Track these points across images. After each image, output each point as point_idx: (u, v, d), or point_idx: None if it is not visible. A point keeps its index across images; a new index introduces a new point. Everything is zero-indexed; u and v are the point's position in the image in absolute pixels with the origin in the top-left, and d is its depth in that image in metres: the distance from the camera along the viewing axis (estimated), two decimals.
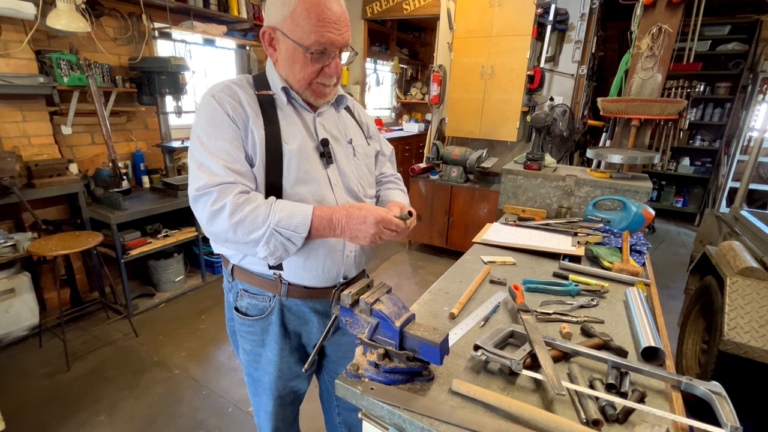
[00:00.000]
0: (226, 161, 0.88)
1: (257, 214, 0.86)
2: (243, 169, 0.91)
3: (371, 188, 1.15)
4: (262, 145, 0.93)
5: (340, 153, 1.04)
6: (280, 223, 0.86)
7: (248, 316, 1.06)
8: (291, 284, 1.01)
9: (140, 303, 2.89)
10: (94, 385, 2.12)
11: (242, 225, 0.85)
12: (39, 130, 2.56)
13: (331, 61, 0.93)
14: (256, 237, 0.86)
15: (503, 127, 3.73)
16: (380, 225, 0.88)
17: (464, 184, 3.69)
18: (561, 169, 2.08)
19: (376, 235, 0.88)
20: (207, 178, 0.87)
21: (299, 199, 0.95)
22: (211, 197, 0.85)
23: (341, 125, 1.09)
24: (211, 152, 0.88)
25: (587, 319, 1.06)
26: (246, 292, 1.05)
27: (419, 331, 0.79)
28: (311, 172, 0.97)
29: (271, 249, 0.88)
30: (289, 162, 0.94)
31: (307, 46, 0.89)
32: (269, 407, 1.16)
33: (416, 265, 3.84)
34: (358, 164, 1.09)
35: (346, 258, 1.04)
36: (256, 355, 1.10)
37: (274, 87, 0.98)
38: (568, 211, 1.89)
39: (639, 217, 1.63)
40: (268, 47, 0.96)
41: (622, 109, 2.18)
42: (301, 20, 0.87)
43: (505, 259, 1.44)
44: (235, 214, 0.85)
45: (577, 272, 1.34)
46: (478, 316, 1.06)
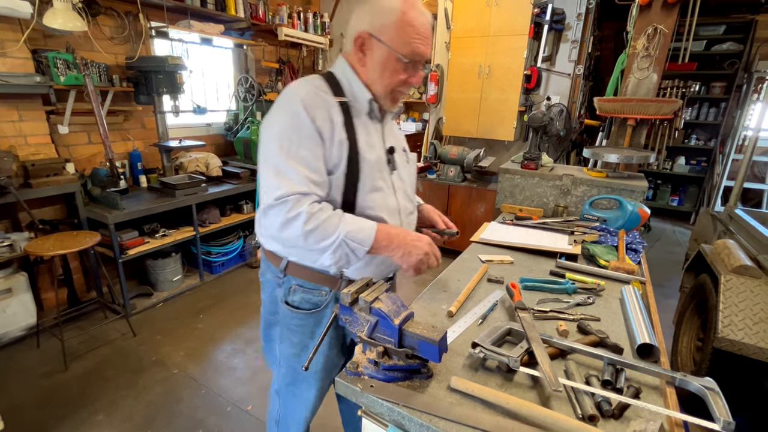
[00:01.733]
0: (307, 171, 0.93)
1: (328, 224, 0.91)
2: (320, 179, 0.95)
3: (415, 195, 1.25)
4: (345, 154, 0.98)
5: (399, 160, 1.12)
6: (349, 234, 0.92)
7: (300, 310, 1.11)
8: (351, 280, 1.04)
9: (138, 303, 2.89)
10: (93, 384, 2.12)
11: (314, 234, 0.91)
12: (35, 129, 2.55)
13: (416, 73, 1.01)
14: (325, 245, 0.92)
15: (500, 126, 3.75)
16: (432, 246, 0.96)
17: (462, 184, 3.70)
18: (558, 168, 2.09)
19: (427, 256, 0.96)
20: (286, 187, 0.90)
21: (372, 205, 1.02)
22: (286, 206, 0.90)
23: (396, 134, 1.18)
24: (293, 160, 0.92)
25: (583, 316, 1.07)
26: (300, 287, 1.09)
27: (418, 329, 0.80)
28: (381, 180, 1.05)
29: (337, 258, 0.94)
30: (365, 170, 1.00)
31: (403, 54, 0.96)
32: (311, 396, 1.19)
33: None
34: (410, 170, 1.18)
35: None
36: (303, 347, 1.14)
37: (352, 95, 1.02)
38: (565, 210, 1.91)
39: (635, 215, 1.64)
40: (358, 52, 1.00)
41: (618, 108, 2.20)
42: (401, 31, 0.94)
43: (503, 258, 1.45)
44: (308, 223, 0.90)
45: (574, 270, 1.35)
46: (476, 314, 1.07)
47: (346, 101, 1.01)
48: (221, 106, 3.96)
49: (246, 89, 3.69)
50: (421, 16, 0.96)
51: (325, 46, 4.37)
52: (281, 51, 4.24)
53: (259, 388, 2.13)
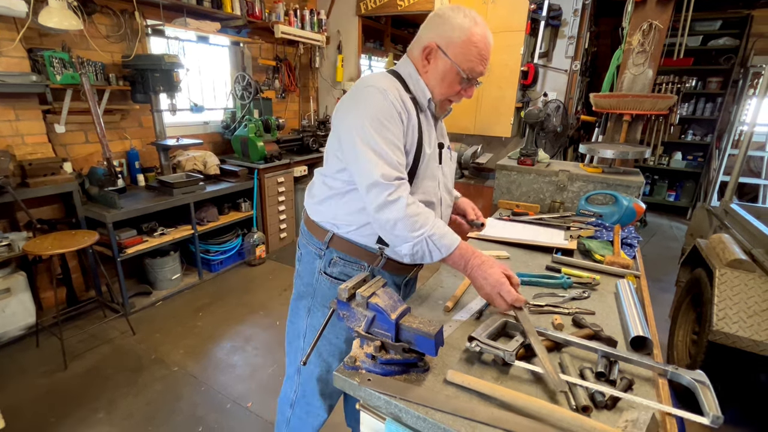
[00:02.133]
0: (399, 155, 1.01)
1: (420, 219, 0.98)
2: (405, 162, 1.04)
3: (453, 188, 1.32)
4: (416, 141, 1.07)
5: (446, 156, 1.21)
6: (434, 236, 0.98)
7: (338, 281, 1.17)
8: (389, 259, 1.14)
9: (137, 301, 2.89)
10: (93, 383, 2.12)
11: (406, 222, 0.97)
12: (32, 129, 2.54)
13: (470, 87, 1.10)
14: (410, 236, 0.98)
15: (498, 123, 3.76)
16: (504, 276, 0.99)
17: (459, 180, 3.71)
18: (554, 164, 2.11)
19: (503, 287, 0.96)
20: (387, 168, 0.98)
21: (424, 191, 1.10)
22: (389, 189, 0.97)
23: (443, 132, 1.26)
24: (387, 144, 0.99)
25: (579, 310, 1.09)
26: (342, 260, 1.17)
27: (415, 323, 0.81)
28: (434, 171, 1.14)
29: (414, 251, 1.00)
30: (424, 160, 1.09)
31: (463, 70, 1.04)
32: (334, 367, 1.22)
33: None
34: (452, 167, 1.27)
35: None
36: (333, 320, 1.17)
37: (422, 94, 1.10)
38: (561, 205, 1.92)
39: (630, 211, 1.66)
40: (424, 59, 1.07)
41: (614, 104, 2.21)
42: (465, 50, 1.02)
43: (499, 254, 1.46)
44: (406, 210, 0.97)
45: (570, 265, 1.37)
46: (473, 309, 1.09)
47: (415, 96, 1.10)
48: (218, 105, 3.96)
49: (243, 87, 3.69)
50: (486, 38, 1.03)
51: (322, 44, 4.36)
52: (278, 49, 4.23)
53: (259, 385, 2.14)
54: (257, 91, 3.63)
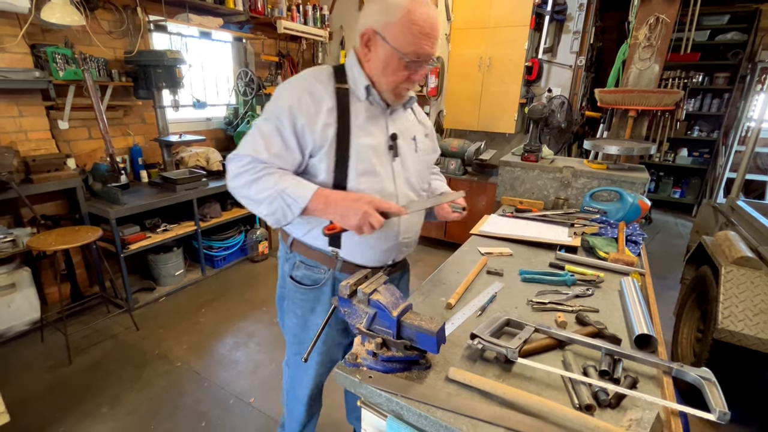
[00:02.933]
0: (272, 146, 0.98)
1: (270, 178, 0.97)
2: (281, 152, 0.99)
3: (426, 183, 1.26)
4: (332, 137, 1.01)
5: (405, 148, 1.13)
6: (287, 189, 0.95)
7: (302, 285, 1.18)
8: (345, 261, 1.12)
9: (140, 297, 2.91)
10: (97, 378, 2.14)
11: (257, 183, 0.96)
12: (36, 125, 2.55)
13: (420, 70, 1.01)
14: (263, 196, 0.96)
15: (501, 119, 3.73)
16: (372, 206, 0.94)
17: (462, 177, 3.70)
18: (558, 160, 2.09)
19: (366, 215, 0.92)
20: (250, 150, 0.98)
21: (363, 188, 1.04)
22: (243, 160, 0.97)
23: (407, 123, 1.17)
24: (263, 133, 0.99)
25: (582, 308, 1.08)
26: (303, 264, 1.16)
27: (416, 320, 0.80)
28: (377, 165, 1.05)
29: (273, 209, 0.97)
30: (356, 154, 1.02)
31: (404, 53, 0.96)
32: (312, 369, 1.28)
33: (415, 258, 3.85)
34: (419, 160, 1.17)
35: (399, 243, 1.14)
36: (305, 320, 1.22)
37: (353, 83, 1.05)
38: (565, 202, 1.90)
39: (635, 207, 1.64)
40: (364, 47, 1.02)
41: (620, 100, 2.18)
42: (404, 31, 0.94)
43: (502, 250, 1.45)
44: (254, 173, 0.96)
45: (573, 262, 1.35)
46: (475, 306, 1.08)
47: (347, 88, 1.04)
48: (221, 101, 3.95)
49: (246, 83, 3.68)
50: (427, 14, 0.95)
51: (325, 39, 4.34)
52: (281, 44, 4.22)
53: (261, 381, 2.14)
54: (260, 87, 3.62)
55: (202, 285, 3.17)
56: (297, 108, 0.98)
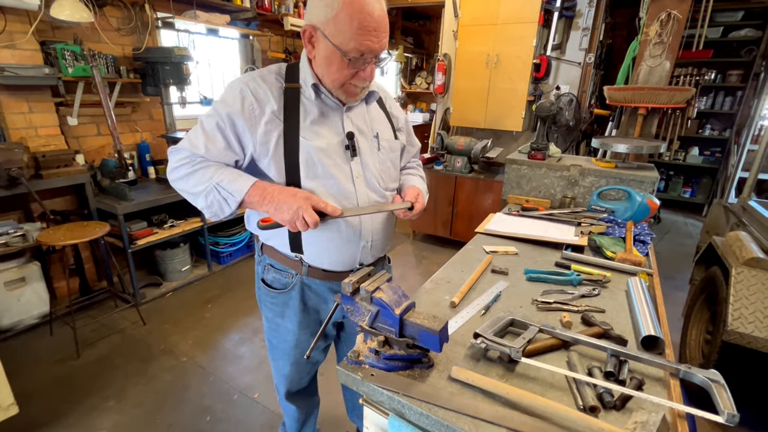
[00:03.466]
0: (210, 141, 0.97)
1: (206, 171, 0.96)
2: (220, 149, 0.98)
3: (393, 182, 1.19)
4: (279, 138, 0.98)
5: (365, 146, 1.08)
6: (222, 183, 0.95)
7: (272, 288, 1.18)
8: (311, 266, 1.11)
9: (148, 292, 2.94)
10: (104, 371, 2.17)
11: (193, 176, 0.96)
12: (45, 121, 2.58)
13: (367, 66, 0.96)
14: (199, 190, 0.96)
15: (508, 116, 3.70)
16: (308, 202, 0.92)
17: (469, 175, 3.67)
18: (566, 158, 2.06)
19: (299, 211, 0.91)
20: (188, 143, 0.98)
21: (317, 191, 1.00)
22: (181, 154, 0.98)
23: (369, 119, 1.11)
24: (203, 129, 0.98)
25: (588, 308, 1.06)
26: (272, 267, 1.16)
27: (419, 318, 0.79)
28: (331, 167, 1.01)
29: (209, 202, 0.97)
30: (306, 157, 0.99)
31: (345, 51, 0.90)
32: (286, 371, 1.30)
33: (420, 256, 3.85)
34: (382, 158, 1.12)
35: (362, 248, 1.11)
36: (276, 324, 1.23)
37: (303, 81, 1.01)
38: (572, 201, 1.88)
39: (644, 206, 1.61)
40: (307, 44, 0.98)
41: (629, 97, 2.15)
42: (342, 26, 0.88)
43: (507, 249, 1.44)
44: (191, 167, 0.96)
45: (580, 262, 1.34)
46: (479, 305, 1.07)
47: (297, 87, 1.01)
48: None
49: None
50: (369, 7, 0.87)
51: None
52: (287, 41, 4.22)
53: (266, 376, 2.16)
54: None
55: (209, 281, 3.20)
56: (240, 109, 0.97)
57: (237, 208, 0.97)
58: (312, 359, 1.30)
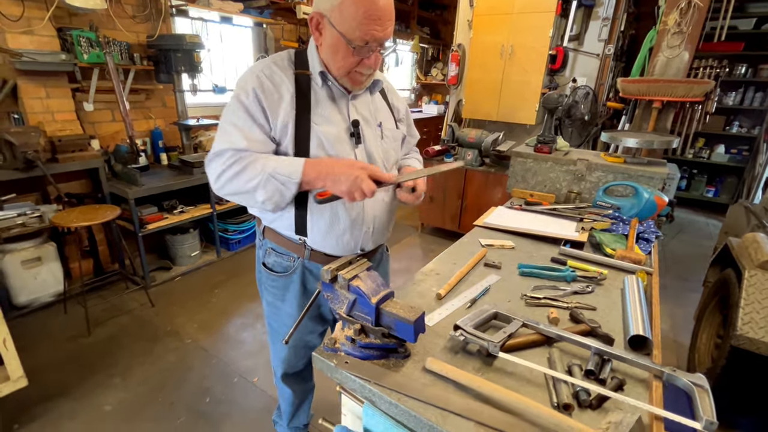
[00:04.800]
0: (246, 132, 0.97)
1: (256, 164, 0.95)
2: (259, 137, 0.98)
3: (394, 171, 1.22)
4: (292, 124, 1.00)
5: (369, 134, 1.09)
6: (276, 170, 0.94)
7: (273, 272, 1.19)
8: (314, 250, 1.12)
9: (158, 275, 3.02)
10: (112, 350, 2.24)
11: (242, 174, 0.94)
12: (62, 106, 2.65)
13: (372, 54, 0.96)
14: (255, 184, 0.94)
15: (522, 109, 3.61)
16: (365, 171, 0.92)
17: (479, 168, 3.62)
18: (573, 152, 2.00)
19: (358, 180, 0.89)
20: (226, 143, 0.96)
21: None
22: (224, 156, 0.96)
23: (373, 108, 1.13)
24: (234, 123, 0.97)
25: (579, 305, 1.04)
26: (274, 251, 1.17)
27: (395, 308, 0.79)
28: (339, 153, 1.03)
29: (269, 193, 0.95)
30: (317, 142, 1.00)
31: (350, 39, 0.92)
32: (283, 354, 1.34)
33: (427, 249, 3.83)
34: (385, 147, 1.14)
35: (364, 233, 1.12)
36: (276, 308, 1.25)
37: (312, 68, 1.03)
38: (578, 196, 1.83)
39: (651, 203, 1.56)
40: (314, 31, 0.99)
41: (644, 90, 2.06)
42: (348, 14, 0.89)
43: (504, 243, 1.41)
44: (239, 165, 0.95)
45: (577, 258, 1.30)
46: (466, 298, 1.05)
47: (308, 73, 1.02)
48: None
49: None
50: None
51: None
52: (300, 30, 4.21)
53: (266, 361, 2.19)
54: None
55: (217, 266, 3.26)
56: (261, 92, 0.97)
57: (297, 191, 0.97)
58: (309, 343, 1.31)
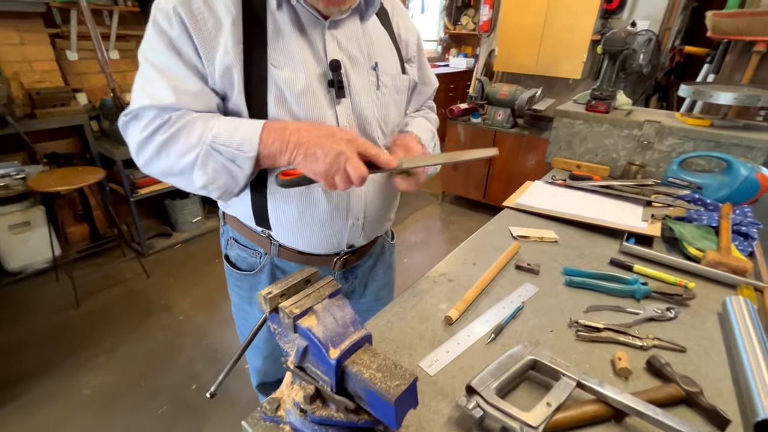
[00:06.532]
0: (169, 77, 0.63)
1: (192, 129, 0.63)
2: (193, 86, 0.65)
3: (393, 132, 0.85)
4: (239, 67, 0.64)
5: (359, 82, 0.74)
6: (219, 138, 0.62)
7: (237, 269, 0.92)
8: (282, 246, 0.83)
9: (156, 242, 2.84)
10: (100, 325, 2.09)
11: (174, 144, 0.63)
12: (40, 54, 2.37)
13: None
14: (190, 160, 0.63)
15: (566, 60, 3.07)
16: (353, 146, 0.60)
17: (510, 130, 3.16)
18: (637, 112, 1.57)
19: (341, 157, 0.59)
20: (146, 98, 0.63)
21: None
22: (144, 118, 0.64)
23: (365, 41, 0.76)
24: (155, 66, 0.64)
25: (659, 343, 0.70)
26: (236, 242, 0.89)
27: (370, 369, 0.47)
28: (309, 109, 0.69)
29: (211, 175, 0.64)
30: (276, 95, 0.67)
31: None
32: (257, 364, 1.09)
33: (447, 220, 3.48)
34: (383, 100, 0.78)
35: (350, 226, 0.80)
36: (243, 311, 0.99)
37: None
38: (641, 170, 1.42)
39: (751, 183, 1.14)
40: None
41: (744, 27, 1.55)
42: None
43: (544, 234, 1.05)
44: (166, 131, 0.63)
45: (648, 261, 0.94)
46: (488, 323, 0.73)
47: None
48: None
49: None
50: None
51: None
52: None
53: None
54: None
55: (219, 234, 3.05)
56: (188, 17, 0.62)
57: (253, 170, 0.65)
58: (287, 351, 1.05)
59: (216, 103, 0.67)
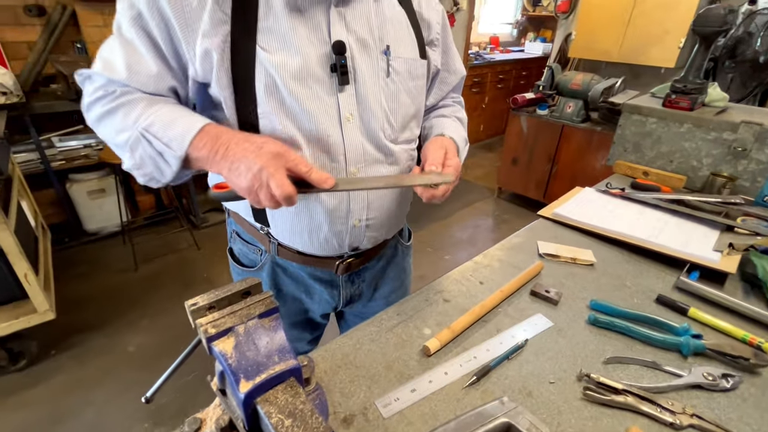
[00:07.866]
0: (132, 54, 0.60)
1: (132, 110, 0.59)
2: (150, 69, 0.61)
3: (410, 130, 0.76)
4: (220, 50, 0.59)
5: (366, 68, 0.66)
6: (152, 127, 0.57)
7: (239, 264, 0.88)
8: (281, 245, 0.78)
9: (211, 216, 3.00)
10: (151, 289, 2.26)
11: (113, 118, 0.60)
12: None
13: None
14: (122, 139, 0.60)
15: (658, 45, 2.64)
16: (278, 161, 0.54)
17: (581, 125, 2.81)
18: (733, 110, 1.26)
19: (263, 173, 0.53)
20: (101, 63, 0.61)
21: (283, 139, 0.63)
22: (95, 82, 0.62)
23: (377, 22, 0.67)
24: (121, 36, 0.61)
25: (699, 423, 0.52)
26: (239, 236, 0.86)
27: (283, 411, 0.40)
28: (306, 99, 0.63)
29: (137, 160, 0.61)
30: (267, 79, 0.61)
31: None
32: None
33: (501, 218, 3.25)
34: (393, 89, 0.69)
35: (352, 227, 0.73)
36: None
37: None
38: (730, 183, 1.15)
39: None
40: None
41: None
42: None
43: (578, 254, 0.88)
44: (108, 102, 0.60)
45: (710, 303, 0.74)
46: (473, 363, 0.61)
47: None
48: None
49: None
50: None
51: None
52: None
53: None
54: None
55: None
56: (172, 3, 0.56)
57: (181, 169, 0.60)
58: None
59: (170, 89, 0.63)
